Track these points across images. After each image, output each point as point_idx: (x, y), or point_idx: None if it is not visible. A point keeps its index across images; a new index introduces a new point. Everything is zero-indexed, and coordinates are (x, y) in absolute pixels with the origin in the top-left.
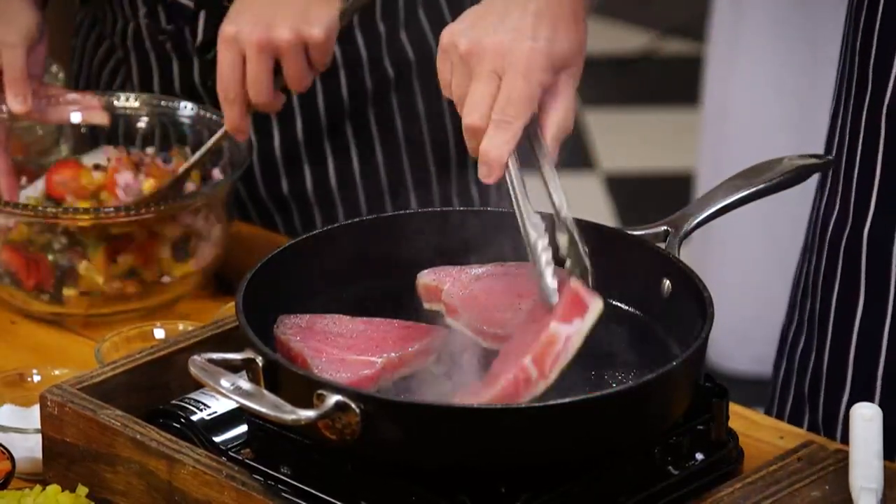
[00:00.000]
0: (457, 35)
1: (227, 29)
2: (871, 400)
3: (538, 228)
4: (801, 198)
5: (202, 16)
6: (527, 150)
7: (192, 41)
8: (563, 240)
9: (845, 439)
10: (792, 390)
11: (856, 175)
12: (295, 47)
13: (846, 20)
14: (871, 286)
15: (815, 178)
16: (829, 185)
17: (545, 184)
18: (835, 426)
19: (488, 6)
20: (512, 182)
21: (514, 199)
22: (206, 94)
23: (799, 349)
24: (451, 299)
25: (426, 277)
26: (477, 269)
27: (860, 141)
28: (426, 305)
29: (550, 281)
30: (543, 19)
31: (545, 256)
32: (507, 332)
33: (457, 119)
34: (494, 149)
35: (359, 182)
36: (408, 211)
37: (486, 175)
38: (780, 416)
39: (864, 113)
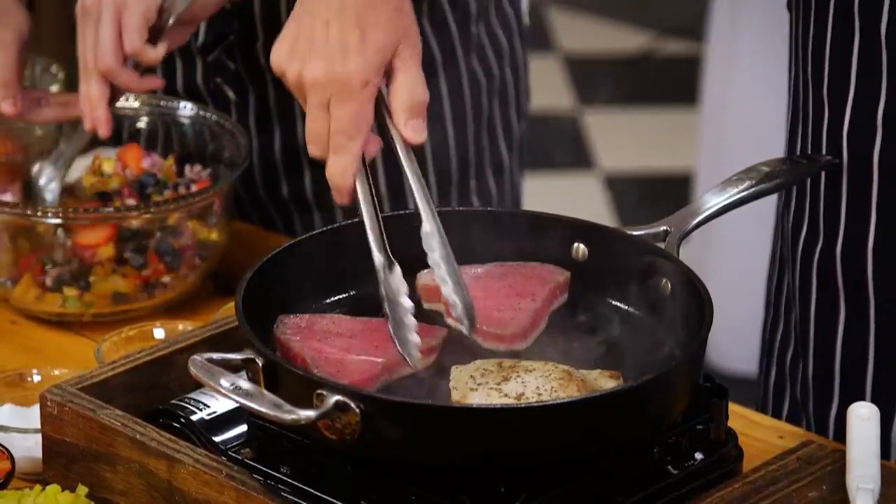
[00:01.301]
0: (282, 63)
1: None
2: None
3: (382, 264)
4: None
5: None
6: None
7: (194, 42)
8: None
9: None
10: (787, 398)
11: (822, 194)
12: None
13: (791, 46)
14: (849, 302)
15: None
16: (794, 199)
17: (404, 172)
18: (826, 435)
19: (297, 23)
20: (360, 204)
21: (364, 220)
22: (208, 95)
23: (788, 357)
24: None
25: (425, 277)
26: (476, 269)
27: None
28: (426, 305)
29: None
30: (348, 24)
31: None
32: (506, 332)
33: (458, 123)
34: (337, 175)
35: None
36: (407, 211)
37: (338, 198)
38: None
39: (825, 135)
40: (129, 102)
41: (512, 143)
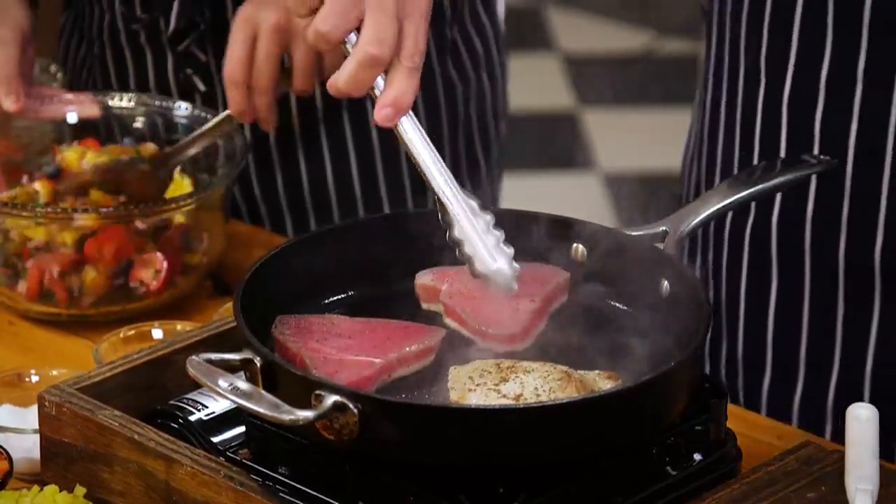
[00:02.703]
0: None
1: (246, 9)
2: (794, 380)
3: (451, 185)
4: None
5: (176, 5)
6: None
7: (166, 32)
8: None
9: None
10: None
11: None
12: None
13: (713, 15)
14: (784, 271)
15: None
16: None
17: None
18: (759, 410)
19: None
20: (412, 140)
21: (420, 159)
22: (177, 89)
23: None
24: (449, 300)
25: (424, 278)
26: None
27: (757, 133)
28: (424, 306)
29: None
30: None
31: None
32: (504, 332)
33: (433, 128)
34: (406, 94)
35: (331, 184)
36: (406, 211)
37: (392, 118)
38: None
39: (760, 104)
40: (123, 102)
41: (489, 147)
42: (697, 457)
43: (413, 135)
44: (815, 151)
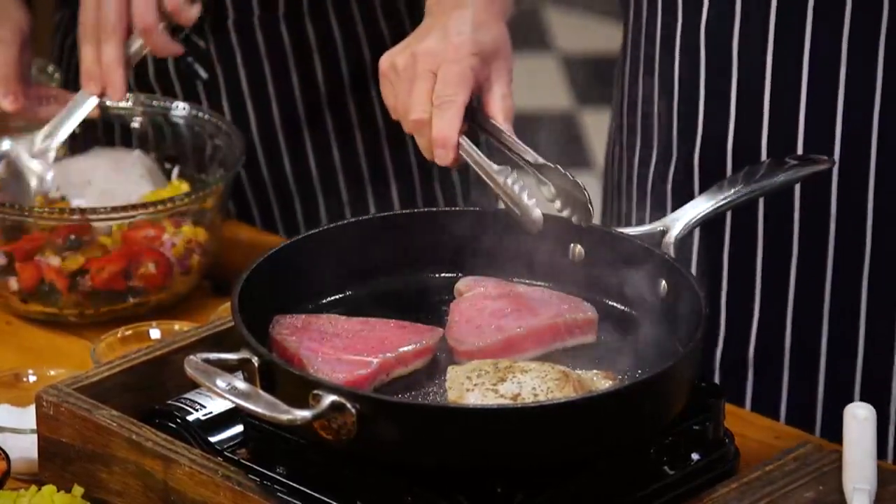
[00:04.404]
0: (394, 56)
1: None
2: (746, 355)
3: (504, 171)
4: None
5: None
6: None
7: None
8: (546, 191)
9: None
10: None
11: (677, 112)
12: None
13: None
14: (734, 236)
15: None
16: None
17: (509, 149)
18: (712, 378)
19: (418, 29)
20: (470, 154)
21: (473, 164)
22: (177, 78)
23: None
24: (453, 304)
25: (462, 282)
26: (495, 287)
27: (676, 72)
28: None
29: (528, 201)
30: (464, 15)
31: (517, 186)
32: (461, 347)
33: None
34: (443, 129)
35: (339, 170)
36: (404, 211)
37: (443, 157)
38: None
39: (678, 41)
40: (121, 102)
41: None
42: (695, 456)
43: (472, 151)
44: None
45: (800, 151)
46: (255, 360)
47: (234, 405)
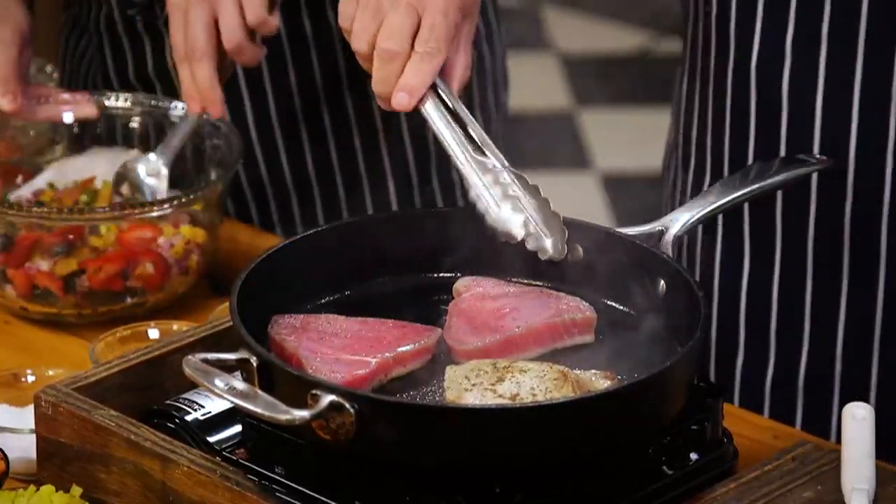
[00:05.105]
0: None
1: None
2: (766, 360)
3: (481, 165)
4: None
5: None
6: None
7: (161, 17)
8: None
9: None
10: None
11: (727, 138)
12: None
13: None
14: (755, 248)
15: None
16: (693, 157)
17: (463, 128)
18: (732, 393)
19: None
20: (434, 120)
21: (441, 137)
22: (176, 74)
23: None
24: (452, 306)
25: (460, 281)
26: (493, 288)
27: (728, 101)
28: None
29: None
30: None
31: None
32: (460, 347)
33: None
34: (417, 76)
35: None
36: (402, 211)
37: (403, 104)
38: None
39: (730, 72)
40: (120, 102)
41: (490, 119)
42: (694, 456)
43: (435, 115)
44: (816, 147)
45: (850, 187)
46: (253, 360)
47: (232, 405)
